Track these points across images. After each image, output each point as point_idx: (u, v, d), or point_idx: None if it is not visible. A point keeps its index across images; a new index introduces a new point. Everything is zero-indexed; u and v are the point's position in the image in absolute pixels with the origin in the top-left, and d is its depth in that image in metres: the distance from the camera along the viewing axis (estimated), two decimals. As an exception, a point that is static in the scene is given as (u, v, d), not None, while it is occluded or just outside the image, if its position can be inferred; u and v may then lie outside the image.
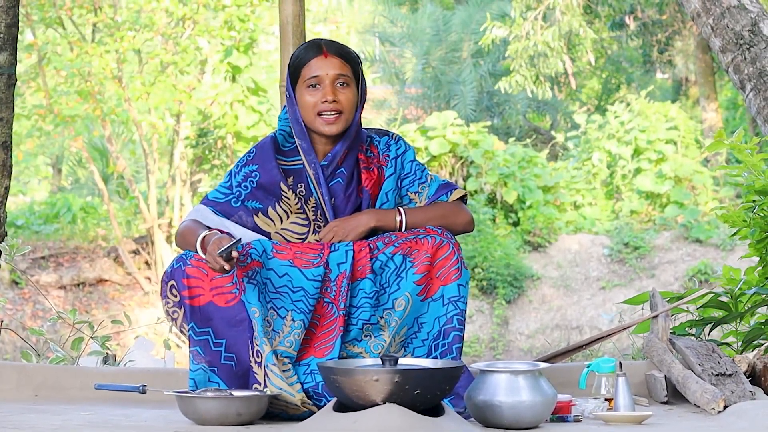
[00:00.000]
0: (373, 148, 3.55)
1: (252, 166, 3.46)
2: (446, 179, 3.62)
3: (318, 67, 3.42)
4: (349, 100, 3.44)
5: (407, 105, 21.67)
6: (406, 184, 3.54)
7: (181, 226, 3.44)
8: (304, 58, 3.45)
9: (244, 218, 3.44)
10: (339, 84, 3.43)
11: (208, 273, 3.33)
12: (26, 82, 15.80)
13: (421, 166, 3.56)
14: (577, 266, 15.65)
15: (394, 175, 3.51)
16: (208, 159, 16.97)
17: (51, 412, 3.42)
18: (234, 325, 3.32)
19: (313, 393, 3.29)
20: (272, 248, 3.36)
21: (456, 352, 3.35)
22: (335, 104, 3.41)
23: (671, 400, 3.66)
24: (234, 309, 3.33)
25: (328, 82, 3.41)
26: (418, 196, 3.54)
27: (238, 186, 3.45)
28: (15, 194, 20.47)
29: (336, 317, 3.35)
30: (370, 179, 3.50)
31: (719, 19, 4.54)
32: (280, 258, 3.35)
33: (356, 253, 3.37)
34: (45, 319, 14.00)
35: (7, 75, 4.52)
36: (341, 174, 3.47)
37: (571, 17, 17.53)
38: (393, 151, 3.54)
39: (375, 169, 3.52)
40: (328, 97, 3.40)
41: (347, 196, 3.47)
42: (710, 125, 19.07)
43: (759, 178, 4.11)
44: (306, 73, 3.43)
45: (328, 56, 3.42)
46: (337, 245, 3.39)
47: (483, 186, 16.13)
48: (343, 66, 3.43)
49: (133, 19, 15.61)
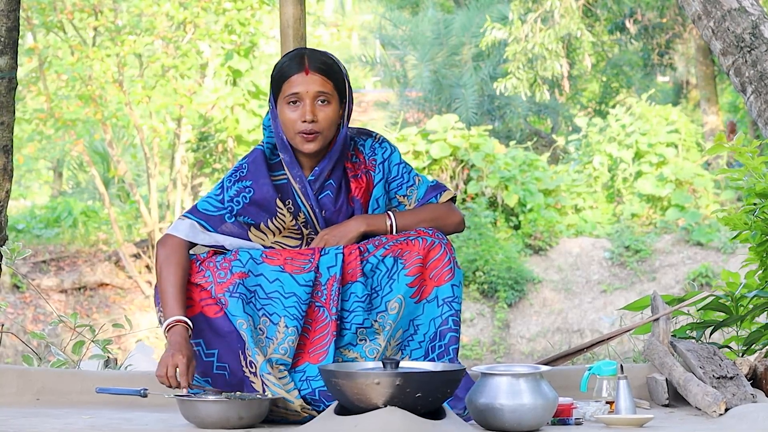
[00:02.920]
0: (358, 153, 3.50)
1: (246, 182, 3.40)
2: (435, 180, 3.59)
3: (298, 84, 3.36)
4: (328, 118, 3.37)
5: (408, 108, 21.68)
6: (394, 187, 3.50)
7: (163, 274, 3.31)
8: (285, 73, 3.38)
9: (236, 231, 3.40)
10: (319, 102, 3.36)
11: (199, 285, 3.31)
12: (27, 86, 15.82)
13: (408, 168, 3.53)
14: (578, 269, 15.65)
15: (382, 180, 3.47)
16: (209, 163, 16.98)
17: (52, 415, 3.42)
18: (223, 335, 3.30)
19: (311, 399, 3.27)
20: (262, 254, 3.34)
21: (453, 353, 3.33)
22: (314, 125, 3.35)
23: (672, 402, 3.66)
24: (221, 320, 3.29)
25: (308, 100, 3.35)
26: (407, 200, 3.51)
27: (230, 201, 3.40)
28: (16, 198, 20.48)
29: (328, 322, 3.32)
30: (359, 187, 3.46)
31: (720, 22, 4.54)
32: (270, 263, 3.33)
33: (346, 256, 3.34)
34: (46, 323, 14.01)
35: (7, 79, 4.52)
36: (330, 186, 3.44)
37: (569, 20, 17.54)
38: (379, 155, 3.49)
39: (363, 175, 3.48)
40: (307, 116, 3.34)
41: (338, 208, 3.43)
42: (711, 128, 19.08)
43: (760, 181, 4.11)
44: (286, 89, 3.37)
45: (309, 73, 3.36)
46: (327, 249, 3.37)
47: (484, 189, 16.14)
48: (324, 83, 3.37)
49: (134, 23, 15.63)
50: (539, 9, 17.59)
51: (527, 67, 17.58)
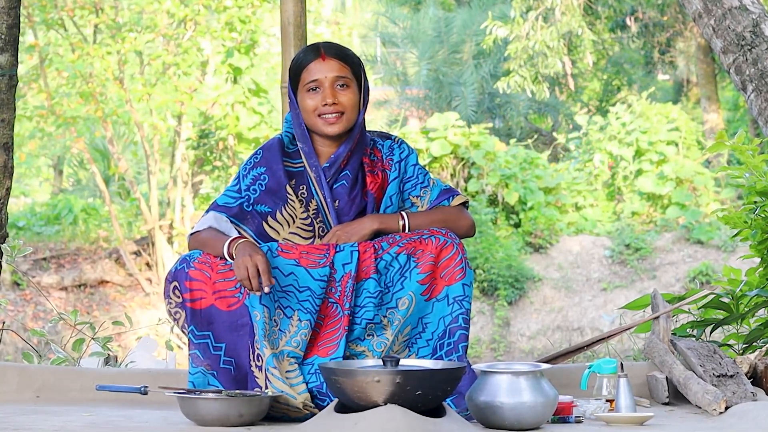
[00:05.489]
0: (377, 151, 3.56)
1: (260, 168, 3.46)
2: (448, 184, 3.64)
3: (317, 71, 3.43)
4: (350, 100, 3.45)
5: (409, 106, 21.67)
6: (408, 187, 3.56)
7: (201, 234, 3.40)
8: (303, 61, 3.46)
9: (256, 222, 3.44)
10: (339, 86, 3.44)
11: (212, 276, 3.33)
12: (28, 84, 15.81)
13: (424, 170, 3.58)
14: (578, 267, 15.65)
15: (397, 179, 3.53)
16: (209, 160, 16.98)
17: (52, 413, 3.42)
18: (235, 329, 3.33)
19: (317, 392, 3.29)
20: (277, 247, 3.37)
21: (462, 351, 3.36)
22: (336, 106, 3.42)
23: (672, 401, 3.66)
24: (236, 313, 3.33)
25: (328, 84, 3.42)
26: (420, 200, 3.55)
27: (246, 190, 3.45)
28: (16, 196, 20.49)
29: (341, 317, 3.36)
30: (375, 182, 3.51)
31: (721, 20, 4.54)
32: (285, 257, 3.35)
33: (361, 254, 3.38)
34: (46, 321, 14.01)
35: (8, 76, 4.52)
36: (345, 176, 3.48)
37: (570, 18, 17.53)
38: (396, 155, 3.55)
39: (379, 172, 3.53)
40: (328, 99, 3.41)
41: (351, 198, 3.48)
42: (711, 126, 19.07)
43: (760, 179, 4.11)
44: (305, 77, 3.45)
45: (326, 59, 3.44)
46: (343, 246, 3.40)
47: (484, 187, 16.13)
48: (342, 68, 3.45)
49: (135, 20, 15.62)
50: (540, 6, 17.58)
51: (528, 64, 17.57)
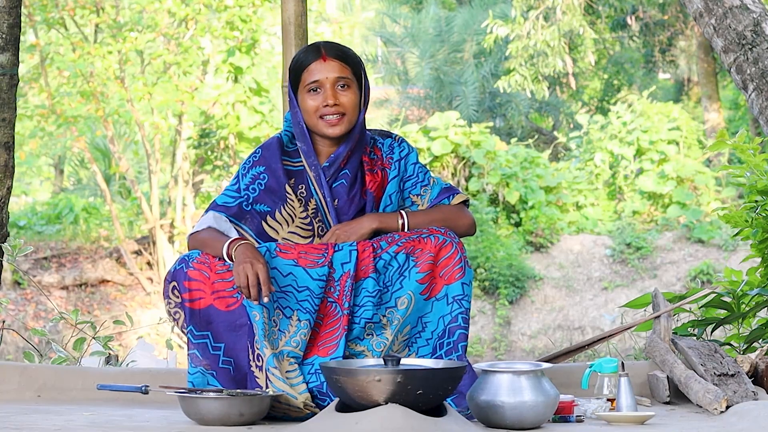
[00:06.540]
0: (377, 150, 3.55)
1: (259, 167, 3.45)
2: (449, 183, 3.63)
3: (318, 71, 3.42)
4: (351, 101, 3.44)
5: (409, 105, 21.67)
6: (408, 186, 3.55)
7: (200, 234, 3.40)
8: (303, 62, 3.45)
9: (256, 222, 3.43)
10: (339, 86, 3.43)
11: (210, 276, 3.33)
12: (29, 83, 15.82)
13: (424, 169, 3.57)
14: (579, 267, 15.64)
15: (397, 177, 3.52)
16: (210, 160, 16.98)
17: (53, 412, 3.42)
18: (234, 329, 3.33)
19: (318, 392, 3.29)
20: (276, 247, 3.36)
21: (461, 350, 3.36)
22: (337, 107, 3.41)
23: (673, 400, 3.66)
24: (235, 313, 3.33)
25: (329, 85, 3.41)
26: (420, 199, 3.55)
27: (246, 189, 3.45)
28: (17, 195, 20.49)
29: (340, 317, 3.35)
30: (374, 181, 3.50)
31: (721, 19, 4.54)
32: (284, 257, 3.35)
33: (360, 253, 3.37)
34: (47, 320, 14.01)
35: (9, 75, 4.52)
36: (345, 176, 3.47)
37: (571, 17, 17.53)
38: (396, 154, 3.54)
39: (378, 171, 3.52)
40: (329, 101, 3.41)
41: (351, 197, 3.47)
42: (712, 125, 19.06)
43: (761, 178, 4.10)
44: (306, 78, 3.43)
45: (327, 59, 3.43)
46: (341, 245, 3.39)
47: (485, 186, 16.13)
48: (342, 68, 3.44)
49: (136, 19, 15.62)
50: (541, 6, 17.57)
51: (529, 64, 17.57)
